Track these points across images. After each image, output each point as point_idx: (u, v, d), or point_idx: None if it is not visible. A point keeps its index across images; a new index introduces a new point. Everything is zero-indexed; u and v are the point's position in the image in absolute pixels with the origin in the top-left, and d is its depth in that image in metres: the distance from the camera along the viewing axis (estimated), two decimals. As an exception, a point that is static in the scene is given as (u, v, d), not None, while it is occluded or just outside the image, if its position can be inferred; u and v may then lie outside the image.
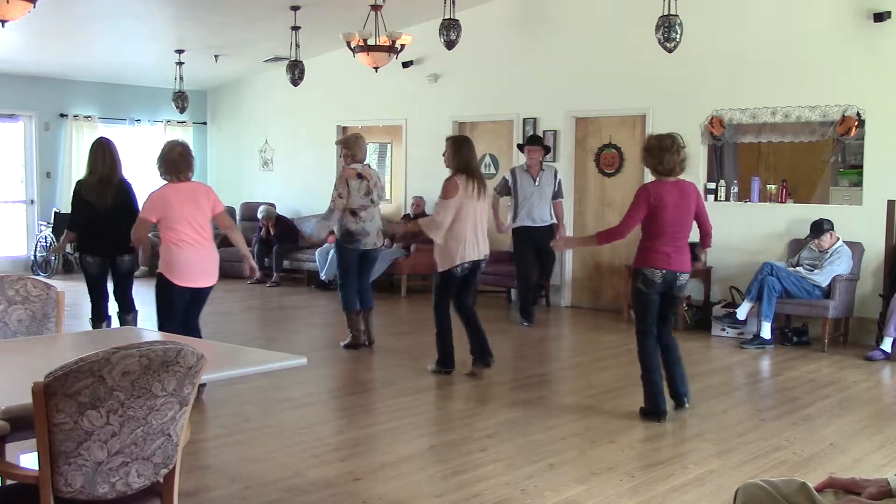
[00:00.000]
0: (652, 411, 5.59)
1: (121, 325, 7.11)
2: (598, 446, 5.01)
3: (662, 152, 5.54)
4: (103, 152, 6.86)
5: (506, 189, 9.18)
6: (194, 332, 5.85)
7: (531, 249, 9.00)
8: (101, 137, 7.19)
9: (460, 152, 6.55)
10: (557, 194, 9.16)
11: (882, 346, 7.62)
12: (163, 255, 5.76)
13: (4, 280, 3.85)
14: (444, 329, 6.72)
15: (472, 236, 6.49)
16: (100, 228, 6.83)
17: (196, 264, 5.74)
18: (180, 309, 5.83)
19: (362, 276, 7.76)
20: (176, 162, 5.78)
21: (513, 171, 9.17)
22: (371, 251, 7.68)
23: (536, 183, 9.01)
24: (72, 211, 7.03)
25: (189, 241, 5.69)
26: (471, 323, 6.72)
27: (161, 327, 5.77)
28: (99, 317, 7.17)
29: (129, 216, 6.45)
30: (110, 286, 7.22)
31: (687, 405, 5.76)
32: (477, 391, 6.40)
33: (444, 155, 6.68)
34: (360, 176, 7.46)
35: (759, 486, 2.33)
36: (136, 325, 7.20)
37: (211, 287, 5.93)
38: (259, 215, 12.47)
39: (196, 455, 4.68)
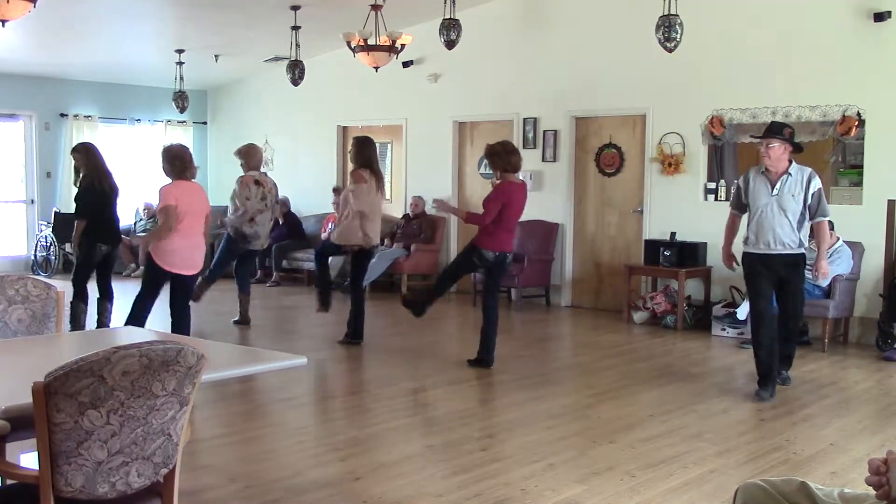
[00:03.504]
0: (486, 359, 6.95)
1: (99, 310, 7.80)
2: (598, 446, 5.01)
3: (509, 155, 6.83)
4: (97, 153, 7.68)
5: (738, 201, 6.51)
6: (185, 314, 6.81)
7: (766, 286, 6.33)
8: (86, 142, 8.12)
9: (362, 152, 7.61)
10: (815, 210, 6.28)
11: None
12: (157, 241, 6.49)
13: (4, 280, 3.85)
14: (360, 305, 7.81)
15: (367, 223, 7.51)
16: (111, 218, 7.68)
17: (184, 252, 6.46)
18: (159, 288, 6.70)
19: (244, 265, 8.87)
20: (187, 161, 6.55)
21: (746, 175, 6.45)
22: (257, 250, 8.79)
23: (774, 192, 6.23)
24: (84, 202, 7.57)
25: (185, 232, 6.39)
26: (358, 302, 7.84)
27: (139, 297, 6.70)
28: (84, 300, 7.72)
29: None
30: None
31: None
32: (477, 391, 6.41)
33: (349, 152, 7.87)
34: (257, 182, 8.40)
35: (759, 485, 2.33)
36: (110, 314, 7.85)
37: (195, 276, 6.82)
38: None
39: (196, 455, 4.68)
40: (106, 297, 7.86)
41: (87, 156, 7.62)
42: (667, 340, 8.36)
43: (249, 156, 8.56)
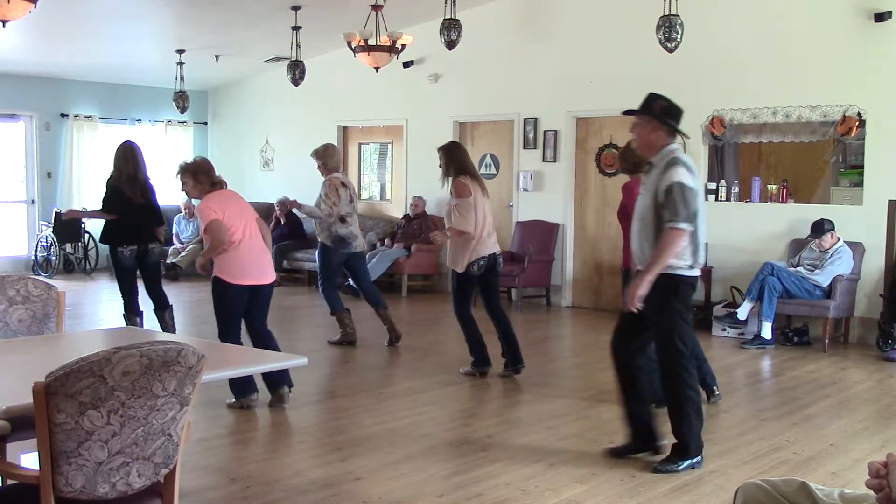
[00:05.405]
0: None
1: (159, 322, 7.47)
2: (598, 446, 5.00)
3: (625, 152, 6.29)
4: (129, 155, 7.34)
5: None
6: (266, 336, 5.77)
7: (627, 315, 4.86)
8: (127, 141, 7.63)
9: (453, 158, 6.70)
10: (666, 210, 4.47)
11: None
12: (218, 257, 5.60)
13: (5, 280, 3.85)
14: (472, 329, 6.72)
15: (482, 233, 6.56)
16: (133, 220, 7.27)
17: (252, 261, 5.65)
18: (241, 311, 5.67)
19: (363, 278, 7.94)
20: (211, 171, 5.76)
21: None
22: (361, 251, 7.87)
23: (641, 189, 4.90)
24: (109, 202, 7.36)
25: (244, 238, 5.59)
26: (501, 325, 6.70)
27: (223, 335, 5.61)
28: (133, 311, 7.44)
29: (153, 213, 7.42)
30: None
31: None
32: (477, 392, 6.40)
33: (440, 166, 6.79)
34: (343, 184, 7.71)
35: (759, 485, 2.33)
36: (172, 321, 7.51)
37: (272, 285, 5.83)
38: (276, 201, 12.51)
39: (196, 455, 4.68)
40: (161, 306, 7.50)
41: (117, 157, 7.35)
42: (667, 340, 8.34)
43: (328, 156, 7.70)
